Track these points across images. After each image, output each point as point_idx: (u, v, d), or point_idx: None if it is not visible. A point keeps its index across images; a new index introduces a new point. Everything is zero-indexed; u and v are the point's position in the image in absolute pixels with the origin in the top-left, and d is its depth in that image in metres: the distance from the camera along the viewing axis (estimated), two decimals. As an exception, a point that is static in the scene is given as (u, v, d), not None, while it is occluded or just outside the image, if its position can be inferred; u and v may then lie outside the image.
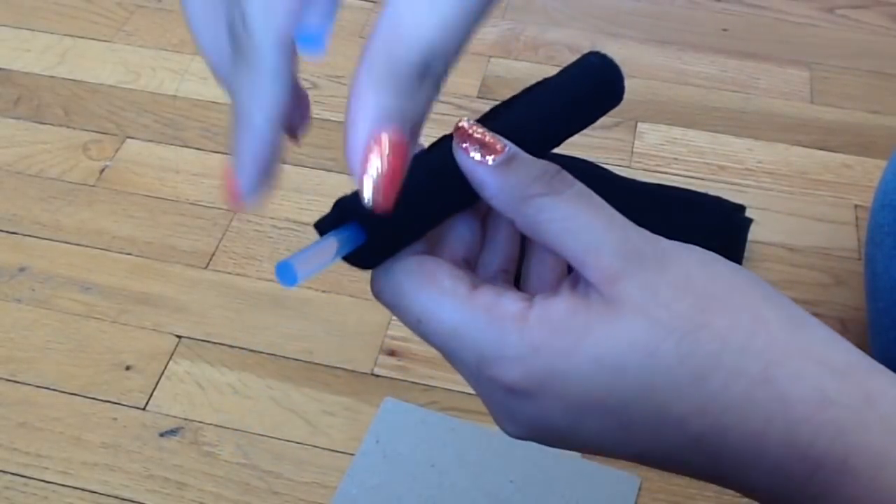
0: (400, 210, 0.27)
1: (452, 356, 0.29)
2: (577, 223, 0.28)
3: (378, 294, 0.30)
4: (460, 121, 0.29)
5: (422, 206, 0.29)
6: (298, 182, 0.90)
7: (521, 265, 0.32)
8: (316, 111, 0.97)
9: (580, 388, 0.27)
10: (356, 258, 0.30)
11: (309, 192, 0.89)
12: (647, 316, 0.27)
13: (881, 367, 0.28)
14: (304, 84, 1.07)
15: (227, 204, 0.26)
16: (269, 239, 0.85)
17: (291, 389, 0.74)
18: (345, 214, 0.29)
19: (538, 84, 0.32)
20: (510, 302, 0.28)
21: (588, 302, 0.27)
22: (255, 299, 0.80)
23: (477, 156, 0.28)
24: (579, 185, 0.28)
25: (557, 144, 0.31)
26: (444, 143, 0.30)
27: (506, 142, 0.28)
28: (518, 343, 0.27)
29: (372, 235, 0.29)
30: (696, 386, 0.27)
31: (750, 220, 0.84)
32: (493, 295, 0.28)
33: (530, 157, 0.29)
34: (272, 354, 0.76)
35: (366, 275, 0.31)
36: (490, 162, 0.28)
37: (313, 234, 1.00)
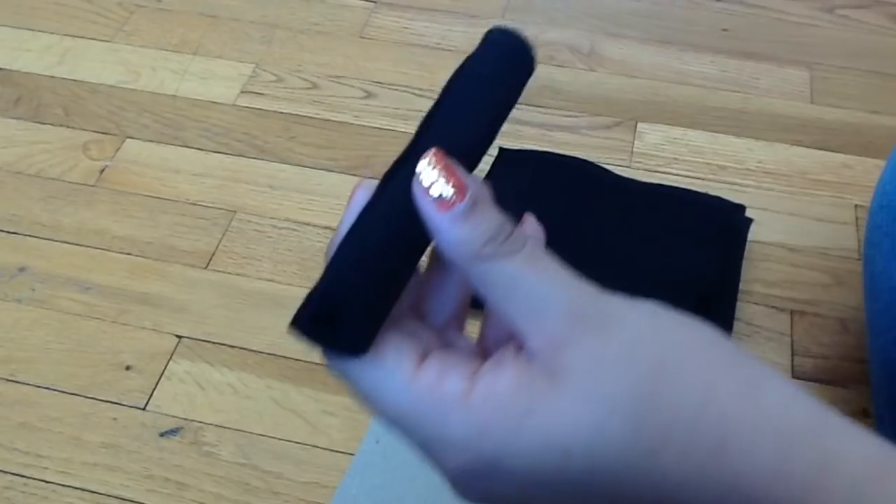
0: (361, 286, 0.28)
1: (403, 435, 0.29)
2: (522, 289, 0.27)
3: (327, 367, 0.30)
4: (424, 156, 0.28)
5: (386, 270, 0.29)
6: (298, 182, 0.90)
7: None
8: (316, 111, 0.97)
9: (529, 469, 0.26)
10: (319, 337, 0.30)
11: (309, 192, 0.89)
12: (592, 391, 0.26)
13: (844, 423, 0.27)
14: (304, 84, 1.07)
15: None
16: (269, 239, 0.85)
17: (291, 389, 0.74)
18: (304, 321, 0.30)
19: (454, 78, 0.31)
20: (453, 381, 0.27)
21: (531, 374, 0.27)
22: (255, 299, 0.80)
23: (436, 203, 0.27)
24: (529, 247, 0.28)
25: (493, 136, 0.31)
26: (401, 179, 0.29)
27: (469, 184, 0.28)
28: (462, 425, 0.27)
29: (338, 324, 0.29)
30: (647, 462, 0.26)
31: (750, 220, 0.84)
32: (436, 373, 0.28)
33: (490, 207, 0.28)
34: (272, 354, 0.76)
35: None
36: (449, 210, 0.27)
37: (313, 235, 0.99)
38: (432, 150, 0.28)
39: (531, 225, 0.31)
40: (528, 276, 0.27)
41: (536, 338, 0.27)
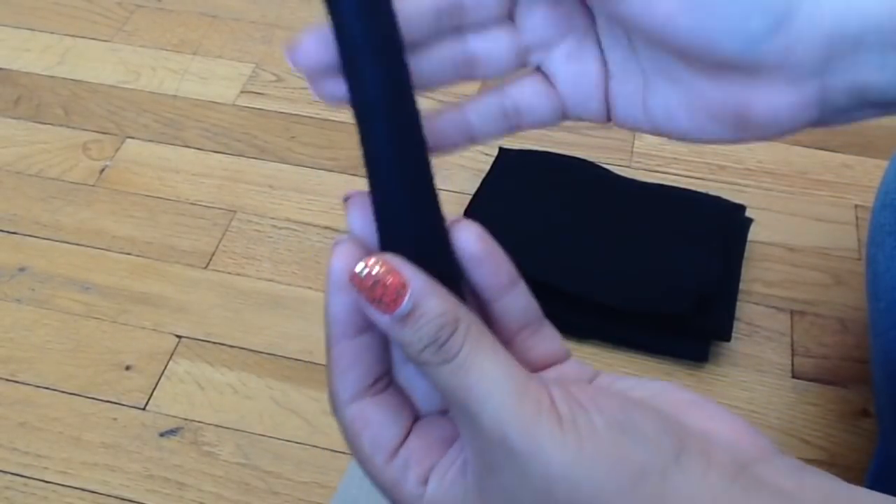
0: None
1: None
2: (455, 399, 0.28)
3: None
4: (360, 263, 0.28)
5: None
6: (298, 182, 0.90)
7: None
8: (316, 111, 0.97)
9: None
10: None
11: (309, 191, 0.89)
12: None
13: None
14: (304, 84, 1.07)
15: None
16: (268, 239, 0.85)
17: (291, 389, 0.74)
18: None
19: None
20: (411, 483, 0.30)
21: (465, 491, 0.29)
22: (255, 299, 0.80)
23: (375, 306, 0.28)
24: (465, 353, 0.28)
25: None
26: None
27: (409, 281, 0.28)
28: None
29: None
30: None
31: (750, 220, 0.84)
32: (399, 472, 0.30)
33: (431, 305, 0.28)
34: (272, 354, 0.76)
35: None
36: (387, 314, 0.28)
37: (313, 235, 0.99)
38: (370, 258, 0.28)
39: (467, 236, 0.31)
40: (459, 389, 0.28)
41: (469, 449, 0.28)
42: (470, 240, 0.31)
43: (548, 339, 0.33)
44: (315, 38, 0.30)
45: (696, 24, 0.29)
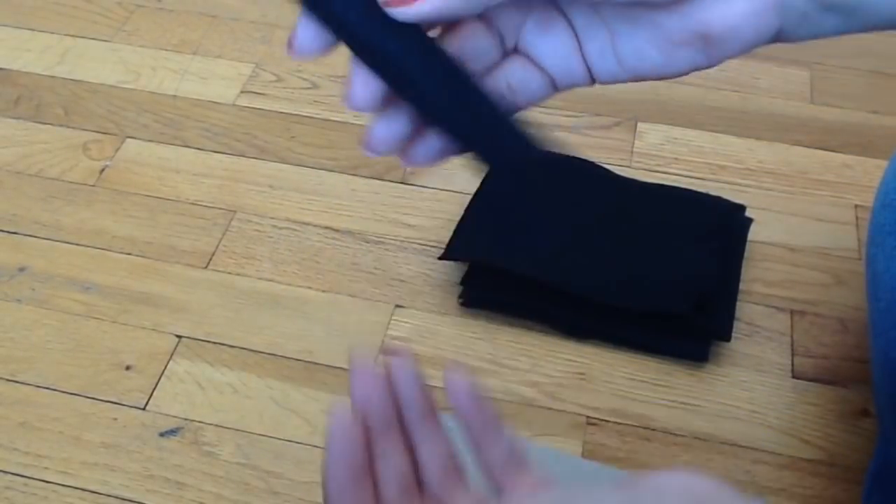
0: None
1: None
2: None
3: None
4: None
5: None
6: (298, 182, 0.90)
7: None
8: (316, 111, 0.97)
9: None
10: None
11: (309, 191, 0.89)
12: None
13: None
14: (304, 84, 1.07)
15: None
16: (269, 239, 0.85)
17: (291, 389, 0.74)
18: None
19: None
20: None
21: None
22: (255, 299, 0.80)
23: None
24: None
25: None
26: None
27: None
28: None
29: None
30: None
31: (750, 220, 0.84)
32: None
33: None
34: (272, 354, 0.76)
35: (366, 273, 0.31)
36: None
37: (313, 235, 0.99)
38: None
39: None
40: None
41: None
42: (459, 393, 0.37)
43: (528, 474, 0.38)
44: (303, 24, 0.31)
45: None
